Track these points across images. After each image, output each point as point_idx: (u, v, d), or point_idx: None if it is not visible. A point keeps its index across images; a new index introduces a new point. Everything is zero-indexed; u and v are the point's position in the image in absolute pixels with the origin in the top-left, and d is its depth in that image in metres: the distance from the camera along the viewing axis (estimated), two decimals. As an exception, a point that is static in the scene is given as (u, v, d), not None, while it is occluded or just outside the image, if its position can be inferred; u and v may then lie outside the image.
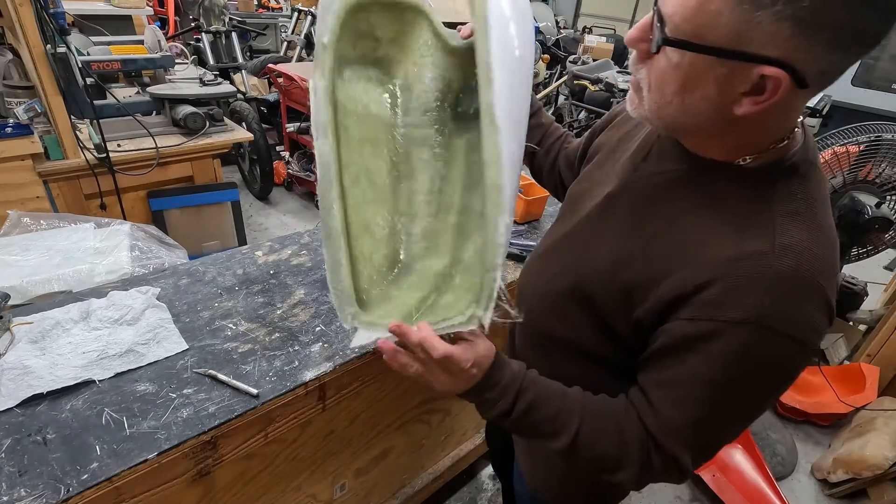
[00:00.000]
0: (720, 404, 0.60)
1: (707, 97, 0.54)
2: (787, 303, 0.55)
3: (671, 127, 0.62)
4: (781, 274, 0.55)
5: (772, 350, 0.56)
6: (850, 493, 1.97)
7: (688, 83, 0.54)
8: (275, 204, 3.85)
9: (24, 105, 1.75)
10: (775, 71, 0.48)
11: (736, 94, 0.52)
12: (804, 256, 0.56)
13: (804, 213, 0.58)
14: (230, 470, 0.94)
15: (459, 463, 1.71)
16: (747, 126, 0.57)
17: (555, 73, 5.03)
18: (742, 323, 0.55)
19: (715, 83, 0.53)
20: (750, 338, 0.56)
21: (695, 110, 0.56)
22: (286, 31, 4.72)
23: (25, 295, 1.30)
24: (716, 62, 0.51)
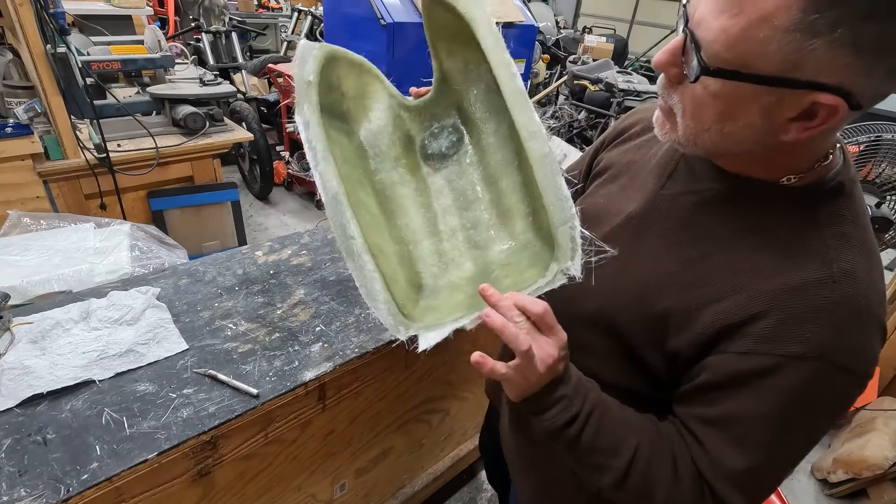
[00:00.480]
0: (780, 445, 0.56)
1: (751, 125, 0.51)
2: (849, 335, 0.52)
3: (708, 153, 0.59)
4: (841, 305, 0.52)
5: (834, 385, 0.53)
6: (850, 493, 1.97)
7: (729, 112, 0.51)
8: (275, 204, 3.85)
9: (24, 105, 1.75)
10: (831, 98, 0.46)
11: (783, 121, 0.49)
12: (860, 284, 0.53)
13: (855, 236, 0.55)
14: (230, 470, 0.94)
15: (459, 463, 1.71)
16: (792, 150, 0.54)
17: (555, 73, 5.03)
18: (803, 358, 0.52)
19: (760, 111, 0.49)
20: (812, 373, 0.52)
21: (737, 138, 0.53)
22: (286, 31, 4.73)
23: (25, 295, 1.30)
24: (763, 90, 0.48)
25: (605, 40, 5.84)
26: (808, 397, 0.53)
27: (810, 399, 0.54)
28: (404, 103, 0.91)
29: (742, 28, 0.45)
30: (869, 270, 0.54)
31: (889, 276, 2.72)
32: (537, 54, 4.39)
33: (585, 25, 7.89)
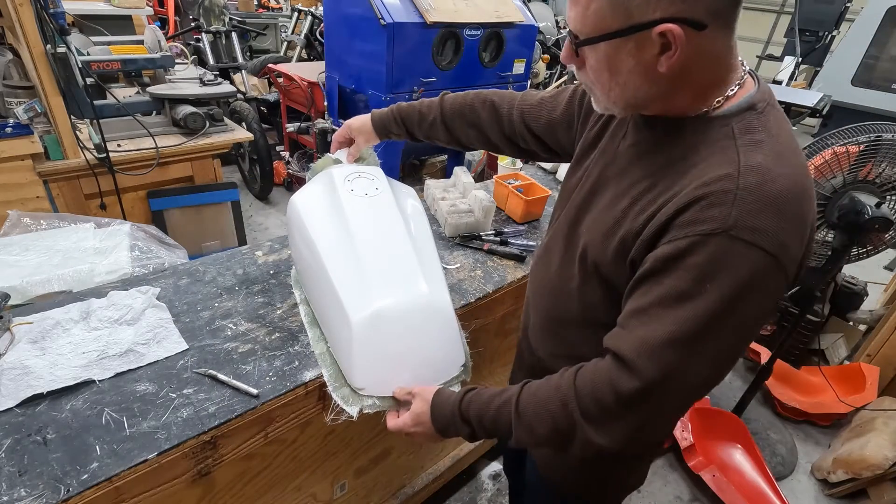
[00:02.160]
0: (696, 318, 0.61)
1: (632, 70, 0.64)
2: (754, 215, 0.58)
3: (625, 106, 0.70)
4: (747, 188, 0.59)
5: (741, 260, 0.59)
6: (850, 493, 1.97)
7: (613, 67, 0.65)
8: (275, 204, 3.85)
9: (24, 105, 1.75)
10: (665, 27, 0.58)
11: (652, 58, 0.61)
12: (769, 174, 0.60)
13: (766, 142, 0.63)
14: (230, 470, 0.94)
15: (459, 463, 1.71)
16: (683, 79, 0.64)
17: (555, 73, 5.03)
18: (712, 234, 0.59)
19: (631, 57, 0.63)
20: (719, 247, 0.59)
21: (632, 85, 0.65)
22: (286, 31, 4.72)
23: (25, 295, 1.30)
24: (621, 42, 0.62)
25: (605, 40, 5.82)
26: (718, 269, 0.59)
27: (724, 273, 0.59)
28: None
29: (581, 10, 0.63)
30: (779, 166, 0.61)
31: (889, 276, 2.72)
32: (537, 54, 4.38)
33: (585, 25, 7.86)
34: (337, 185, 1.07)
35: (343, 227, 1.00)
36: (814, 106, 2.16)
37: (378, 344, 0.92)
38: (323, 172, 1.14)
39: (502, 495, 1.89)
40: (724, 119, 0.66)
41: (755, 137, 0.64)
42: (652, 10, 0.58)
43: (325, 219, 1.02)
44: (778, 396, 2.29)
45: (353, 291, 0.93)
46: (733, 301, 0.60)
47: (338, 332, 0.96)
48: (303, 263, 1.08)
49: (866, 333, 2.46)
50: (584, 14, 0.63)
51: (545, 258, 0.92)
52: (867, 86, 4.70)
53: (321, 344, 1.02)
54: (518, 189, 1.64)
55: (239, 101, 3.59)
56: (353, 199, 1.05)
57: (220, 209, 2.45)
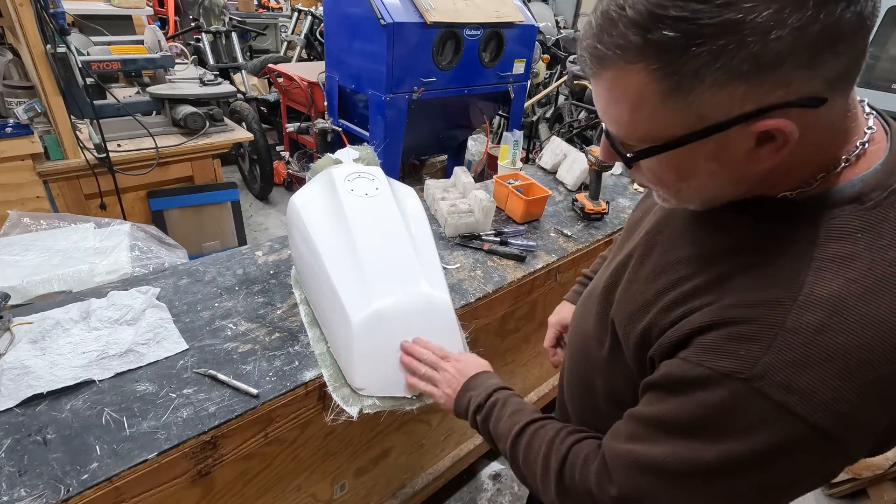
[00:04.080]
0: (691, 462, 0.50)
1: (713, 173, 0.48)
2: (794, 368, 0.43)
3: (703, 204, 0.55)
4: (797, 330, 0.44)
5: (761, 421, 0.45)
6: (850, 493, 1.97)
7: (683, 172, 0.50)
8: (275, 204, 3.85)
9: (24, 105, 1.75)
10: (776, 123, 0.42)
11: (744, 154, 0.45)
12: (841, 316, 0.43)
13: (861, 260, 0.44)
14: (230, 470, 0.94)
15: (459, 463, 1.71)
16: (786, 166, 0.47)
17: (555, 73, 5.03)
18: (729, 376, 0.46)
19: (712, 160, 0.47)
20: (736, 397, 0.45)
21: (710, 188, 0.50)
22: (286, 31, 4.73)
23: (25, 295, 1.30)
24: (693, 146, 0.46)
25: (605, 40, 5.82)
26: (732, 427, 0.46)
27: (735, 430, 0.46)
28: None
29: (628, 114, 0.46)
30: (860, 304, 0.43)
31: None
32: (537, 54, 4.38)
33: (585, 25, 7.87)
34: (337, 185, 1.07)
35: (343, 227, 1.00)
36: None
37: (378, 344, 0.92)
38: (323, 172, 1.14)
39: (502, 495, 1.89)
40: (812, 210, 0.48)
41: (845, 249, 0.45)
42: (739, 104, 0.42)
43: (324, 219, 1.02)
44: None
45: (352, 291, 0.93)
46: (742, 463, 0.47)
47: (337, 332, 0.96)
48: (302, 263, 1.08)
49: (866, 333, 2.46)
50: (630, 120, 0.47)
51: (588, 303, 0.78)
52: (867, 86, 4.70)
53: (321, 344, 1.02)
54: (518, 189, 1.64)
55: (239, 101, 3.59)
56: (353, 199, 1.05)
57: (220, 209, 2.45)
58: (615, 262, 0.73)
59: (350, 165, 1.16)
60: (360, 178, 1.10)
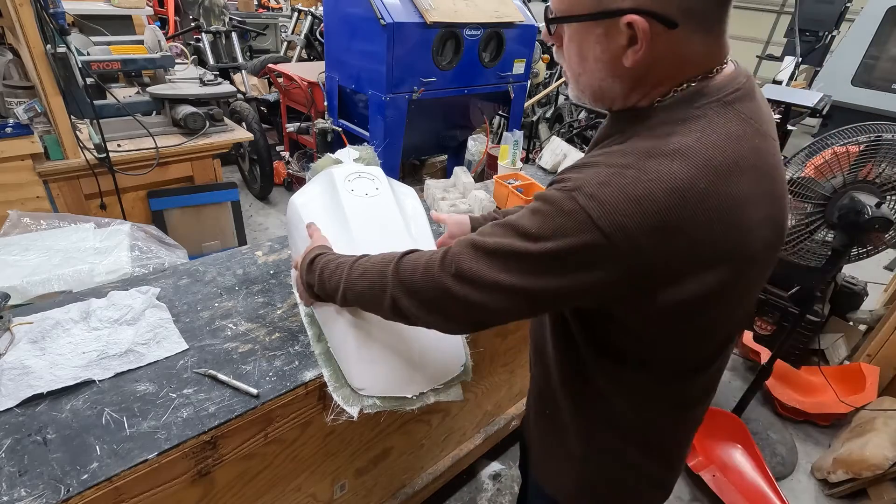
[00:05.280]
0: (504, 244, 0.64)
1: (598, 58, 0.63)
2: (600, 184, 0.58)
3: (593, 96, 0.69)
4: (611, 164, 0.59)
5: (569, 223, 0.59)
6: (850, 493, 1.97)
7: (581, 51, 0.65)
8: (275, 204, 3.85)
9: (24, 105, 1.75)
10: (634, 18, 0.57)
11: (618, 49, 0.61)
12: (646, 163, 0.58)
13: (672, 136, 0.60)
14: (230, 470, 0.94)
15: (459, 463, 1.71)
16: (647, 76, 0.63)
17: (555, 73, 5.03)
18: (559, 191, 0.61)
19: (598, 44, 0.62)
20: (557, 202, 0.60)
21: (597, 74, 0.65)
22: (286, 31, 4.73)
23: (25, 295, 1.30)
24: (591, 26, 0.62)
25: (605, 40, 5.82)
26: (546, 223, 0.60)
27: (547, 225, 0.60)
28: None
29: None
30: (663, 160, 0.57)
31: (889, 276, 2.72)
32: (537, 54, 4.38)
33: (585, 25, 7.87)
34: (337, 185, 1.07)
35: (343, 226, 1.00)
36: (814, 106, 2.16)
37: (378, 344, 0.92)
38: (323, 172, 1.14)
39: (502, 495, 1.89)
40: (657, 110, 0.64)
41: (664, 130, 0.61)
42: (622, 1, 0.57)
43: (324, 219, 1.02)
44: (778, 396, 2.29)
45: None
46: (544, 255, 0.61)
47: (337, 332, 0.96)
48: None
49: (866, 333, 2.46)
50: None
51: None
52: (867, 86, 4.70)
53: (321, 344, 1.02)
54: (518, 189, 1.64)
55: (239, 101, 3.59)
56: (353, 199, 1.05)
57: (220, 209, 2.45)
58: None
59: (350, 165, 1.16)
60: (361, 178, 1.10)
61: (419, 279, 0.71)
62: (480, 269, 0.65)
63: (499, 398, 1.74)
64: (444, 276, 0.68)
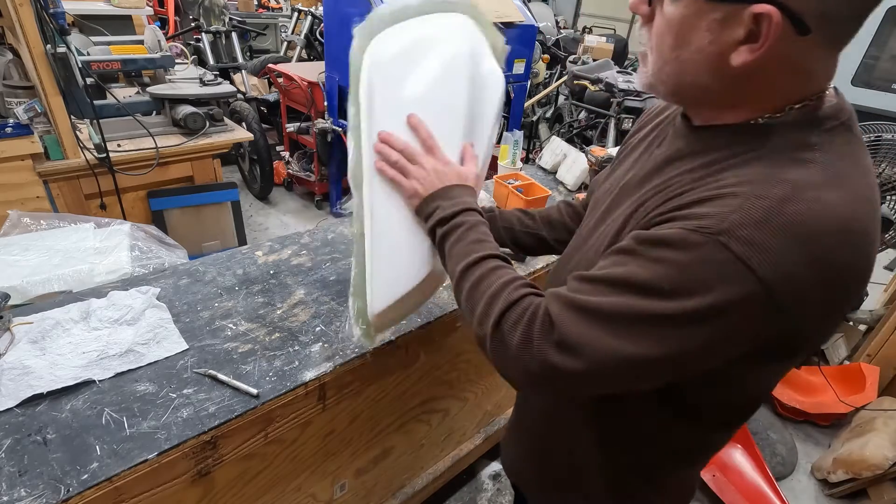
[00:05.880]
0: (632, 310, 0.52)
1: (702, 49, 0.53)
2: (756, 225, 0.47)
3: (674, 90, 0.59)
4: (762, 196, 0.48)
5: (718, 273, 0.48)
6: (850, 493, 1.97)
7: (682, 35, 0.54)
8: (275, 204, 3.85)
9: (24, 105, 1.75)
10: (768, 9, 0.47)
11: (731, 43, 0.51)
12: (801, 193, 0.48)
13: (820, 164, 0.51)
14: (230, 470, 0.94)
15: (459, 463, 1.71)
16: (750, 83, 0.53)
17: (555, 73, 5.03)
18: (697, 231, 0.49)
19: (708, 31, 0.52)
20: (700, 250, 0.48)
21: (692, 66, 0.55)
22: (286, 31, 4.72)
23: (25, 295, 1.30)
24: (707, 8, 0.51)
25: (605, 40, 5.84)
26: (690, 278, 0.49)
27: (691, 282, 0.49)
28: None
29: None
30: (820, 190, 0.48)
31: (889, 276, 2.72)
32: (537, 54, 4.39)
33: (585, 25, 7.88)
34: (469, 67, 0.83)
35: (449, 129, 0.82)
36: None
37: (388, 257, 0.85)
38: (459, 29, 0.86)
39: (502, 495, 1.89)
40: (778, 129, 0.54)
41: (805, 156, 0.51)
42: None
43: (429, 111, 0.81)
44: (778, 396, 2.29)
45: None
46: (692, 316, 0.49)
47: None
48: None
49: (866, 333, 2.46)
50: None
51: (552, 277, 0.82)
52: (867, 86, 4.70)
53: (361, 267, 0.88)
54: (518, 189, 1.64)
55: (239, 101, 3.59)
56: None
57: (220, 209, 2.45)
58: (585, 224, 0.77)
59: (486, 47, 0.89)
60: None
61: (516, 345, 0.58)
62: (593, 338, 0.53)
63: (499, 398, 1.75)
64: (545, 343, 0.55)
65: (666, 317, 0.50)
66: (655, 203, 0.59)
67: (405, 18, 0.82)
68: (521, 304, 0.60)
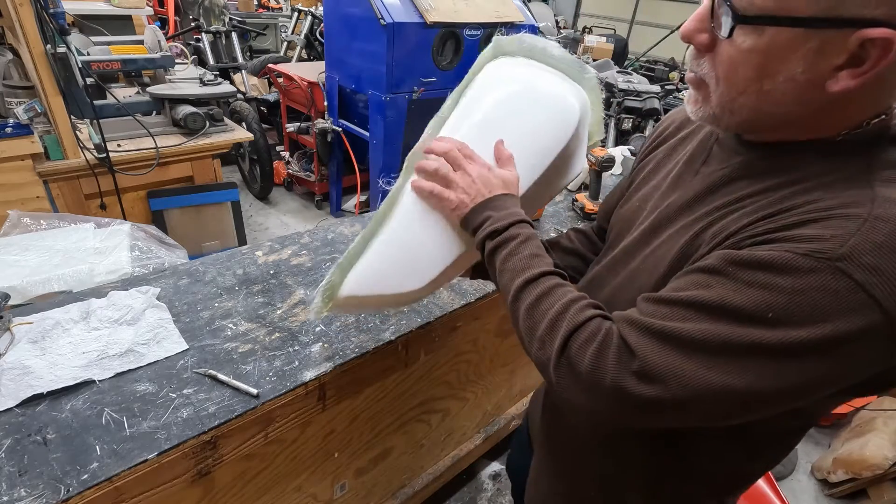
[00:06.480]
0: (733, 339, 0.47)
1: (793, 78, 0.47)
2: (879, 251, 0.43)
3: (747, 122, 0.54)
4: (882, 218, 0.44)
5: (837, 303, 0.43)
6: (850, 493, 1.97)
7: (768, 67, 0.48)
8: (275, 204, 3.85)
9: (24, 105, 1.75)
10: (883, 32, 0.42)
11: (826, 69, 0.46)
12: None
13: None
14: (230, 470, 0.94)
15: (459, 463, 1.71)
16: (839, 106, 0.49)
17: (555, 73, 5.03)
18: (812, 256, 0.44)
19: (803, 60, 0.46)
20: (816, 278, 0.44)
21: (777, 97, 0.49)
22: (286, 31, 4.72)
23: (25, 295, 1.30)
24: (804, 35, 0.45)
25: (605, 40, 5.85)
26: (803, 308, 0.44)
27: (806, 312, 0.44)
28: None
29: None
30: None
31: None
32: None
33: (585, 25, 7.89)
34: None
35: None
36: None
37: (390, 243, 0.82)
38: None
39: (502, 495, 1.89)
40: (861, 147, 0.51)
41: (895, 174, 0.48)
42: (873, 6, 0.42)
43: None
44: (778, 396, 2.29)
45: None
46: (798, 348, 0.45)
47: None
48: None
49: (866, 333, 2.46)
50: None
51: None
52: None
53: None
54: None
55: (239, 101, 3.59)
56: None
57: (220, 209, 2.45)
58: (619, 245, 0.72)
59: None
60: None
61: (587, 371, 0.52)
62: (682, 368, 0.48)
63: (499, 398, 1.75)
64: (623, 372, 0.50)
65: (769, 347, 0.46)
66: (737, 222, 0.53)
67: (540, 61, 0.86)
68: (588, 326, 0.55)
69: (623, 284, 0.68)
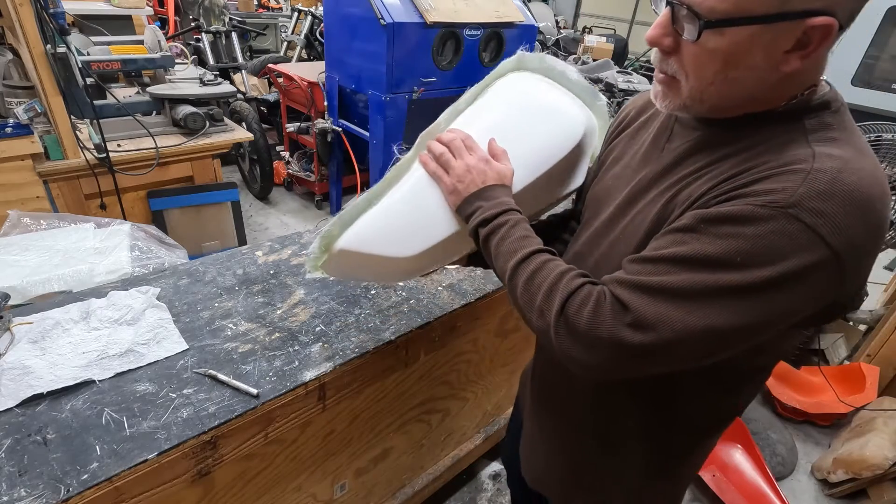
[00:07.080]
0: (709, 285, 0.54)
1: (753, 66, 0.55)
2: (823, 197, 0.51)
3: (715, 106, 0.62)
4: (822, 170, 0.52)
5: (792, 243, 0.51)
6: (850, 493, 1.97)
7: (731, 59, 0.55)
8: (275, 204, 3.85)
9: (24, 105, 1.75)
10: (824, 20, 0.50)
11: (779, 54, 0.54)
12: (847, 164, 0.53)
13: (843, 140, 0.57)
14: (230, 470, 0.94)
15: (459, 463, 1.71)
16: (786, 82, 0.57)
17: (555, 73, 5.02)
18: (768, 206, 0.52)
19: (761, 50, 0.54)
20: (772, 224, 0.52)
21: (741, 83, 0.57)
22: (286, 31, 4.72)
23: (25, 295, 1.30)
24: (759, 30, 0.52)
25: (605, 40, 5.84)
26: (765, 251, 0.52)
27: (767, 253, 0.52)
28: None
29: None
30: (856, 160, 0.54)
31: (889, 276, 2.72)
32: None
33: (585, 25, 7.89)
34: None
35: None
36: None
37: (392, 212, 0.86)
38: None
39: (502, 495, 1.89)
40: (798, 113, 0.59)
41: (830, 135, 0.57)
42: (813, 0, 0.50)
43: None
44: (778, 396, 2.29)
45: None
46: (764, 285, 0.52)
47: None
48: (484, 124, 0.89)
49: (866, 333, 2.45)
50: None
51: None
52: (867, 86, 4.70)
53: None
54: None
55: (239, 101, 3.59)
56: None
57: (220, 209, 2.45)
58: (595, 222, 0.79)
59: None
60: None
61: (584, 329, 0.58)
62: (670, 315, 0.55)
63: (499, 398, 1.75)
64: (617, 325, 0.57)
65: (742, 287, 0.53)
66: (702, 187, 0.61)
67: (557, 81, 0.93)
68: (581, 291, 0.61)
69: (606, 253, 0.74)
